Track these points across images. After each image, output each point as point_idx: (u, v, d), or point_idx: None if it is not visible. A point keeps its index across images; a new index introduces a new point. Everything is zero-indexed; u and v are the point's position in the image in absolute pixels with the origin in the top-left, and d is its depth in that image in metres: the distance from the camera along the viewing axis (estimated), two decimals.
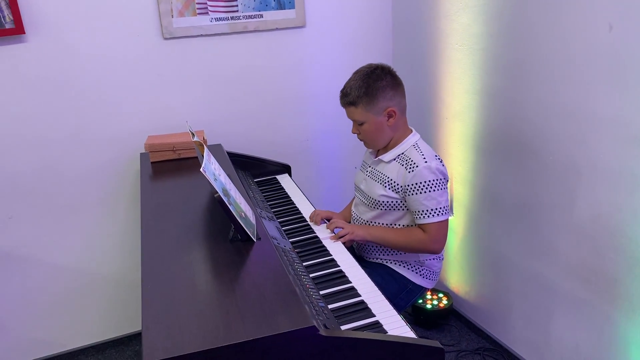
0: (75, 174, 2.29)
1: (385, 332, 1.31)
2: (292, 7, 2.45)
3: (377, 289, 1.50)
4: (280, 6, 2.43)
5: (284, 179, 2.34)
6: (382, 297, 1.45)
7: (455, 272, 2.57)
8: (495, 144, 2.17)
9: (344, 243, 1.77)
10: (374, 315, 1.38)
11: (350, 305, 1.42)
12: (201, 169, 1.37)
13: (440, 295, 2.62)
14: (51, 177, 2.26)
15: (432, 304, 2.57)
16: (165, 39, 2.27)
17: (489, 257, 2.34)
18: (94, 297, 2.48)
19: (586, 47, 1.68)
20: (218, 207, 1.70)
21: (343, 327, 1.32)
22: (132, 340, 2.60)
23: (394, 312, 1.39)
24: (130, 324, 2.59)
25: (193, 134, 1.66)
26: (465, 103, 2.29)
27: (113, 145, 2.31)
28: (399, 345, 1.18)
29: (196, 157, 2.21)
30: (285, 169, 2.42)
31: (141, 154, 2.29)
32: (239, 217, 1.44)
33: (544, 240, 2.00)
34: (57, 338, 2.48)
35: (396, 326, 1.33)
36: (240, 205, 1.52)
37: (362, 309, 1.41)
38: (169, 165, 2.15)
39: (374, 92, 1.74)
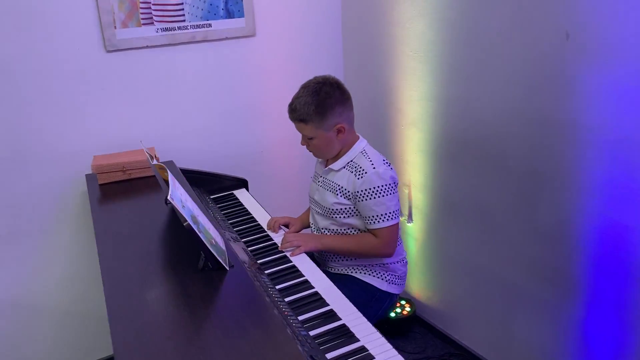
0: (12, 199, 2.10)
1: (372, 356, 1.27)
2: (242, 15, 2.36)
3: (356, 310, 1.45)
4: (229, 15, 2.33)
5: (241, 194, 2.25)
6: (364, 319, 1.41)
7: (417, 278, 2.57)
8: (453, 150, 2.18)
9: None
10: (358, 340, 1.33)
11: (332, 331, 1.37)
12: (168, 197, 1.28)
13: (403, 302, 2.61)
14: None
15: (395, 312, 2.55)
16: (108, 51, 2.12)
17: (449, 262, 2.35)
18: (34, 332, 2.29)
19: (543, 54, 1.71)
20: (182, 233, 1.61)
21: (328, 355, 1.27)
22: None
23: (378, 334, 1.35)
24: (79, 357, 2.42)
25: (152, 157, 1.55)
26: (421, 110, 2.29)
27: (53, 166, 2.13)
28: None
29: (148, 177, 2.08)
30: (242, 184, 2.33)
31: (87, 175, 2.14)
32: (209, 245, 1.35)
33: (505, 243, 2.02)
34: None
35: (382, 350, 1.29)
36: (210, 231, 1.43)
37: (345, 334, 1.36)
38: (119, 187, 2.02)
39: (324, 110, 1.72)
